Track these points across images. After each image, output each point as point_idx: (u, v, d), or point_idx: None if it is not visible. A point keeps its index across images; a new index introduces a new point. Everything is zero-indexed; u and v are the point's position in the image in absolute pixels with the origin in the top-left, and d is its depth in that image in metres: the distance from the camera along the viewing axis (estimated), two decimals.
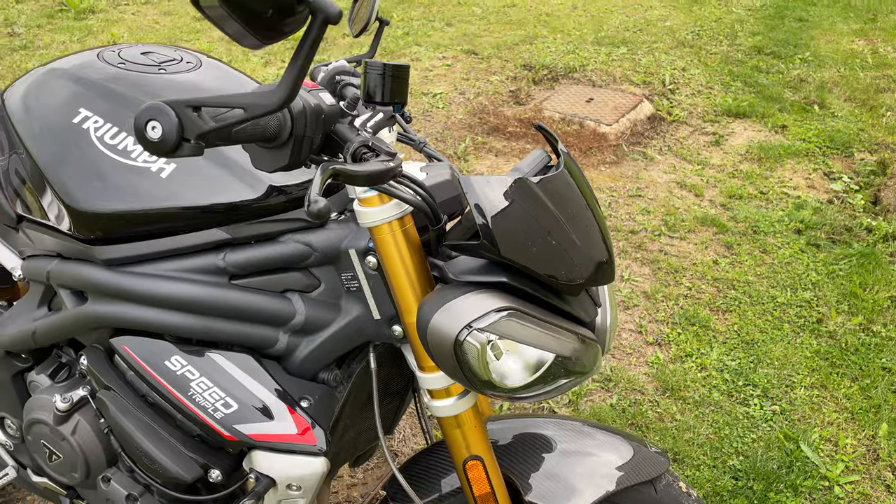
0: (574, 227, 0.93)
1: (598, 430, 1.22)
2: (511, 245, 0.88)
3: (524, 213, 0.89)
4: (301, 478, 1.04)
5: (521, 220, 0.88)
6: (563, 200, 0.93)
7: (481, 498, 1.07)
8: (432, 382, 1.02)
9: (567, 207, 0.94)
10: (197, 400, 1.04)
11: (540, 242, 0.90)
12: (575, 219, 0.94)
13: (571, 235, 0.92)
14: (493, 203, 0.87)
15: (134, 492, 1.22)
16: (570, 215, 0.93)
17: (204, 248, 1.06)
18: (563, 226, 0.92)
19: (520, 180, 0.89)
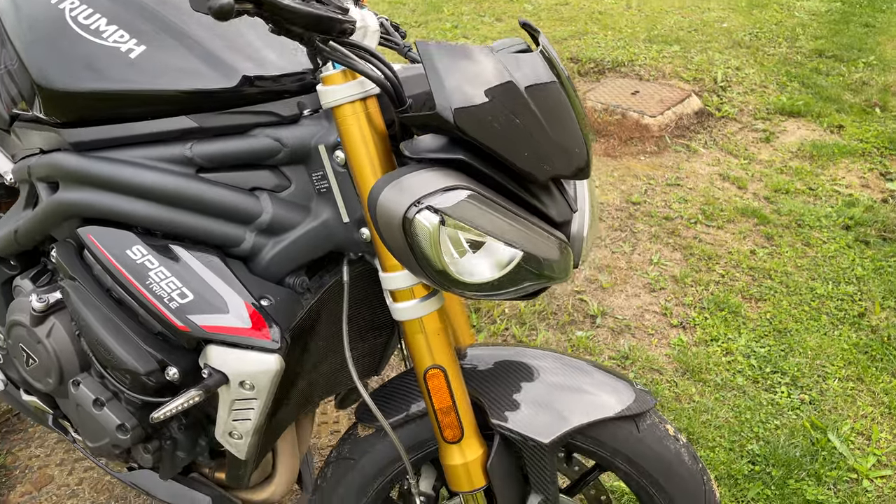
0: (543, 110, 0.87)
1: (584, 363, 1.15)
2: (469, 118, 0.82)
3: (486, 86, 0.83)
4: (253, 375, 1.00)
5: (482, 93, 0.83)
6: (535, 83, 0.87)
7: (441, 411, 1.01)
8: (394, 282, 0.97)
9: (539, 92, 0.88)
10: (153, 289, 1.01)
11: (502, 119, 0.84)
12: (546, 102, 0.88)
13: (539, 118, 0.86)
14: (452, 71, 0.82)
15: (102, 397, 1.20)
16: (541, 98, 0.87)
17: (171, 137, 1.03)
18: (529, 106, 0.86)
19: (485, 49, 0.84)
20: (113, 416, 1.18)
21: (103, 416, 1.19)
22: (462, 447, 1.03)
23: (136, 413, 1.20)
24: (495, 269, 0.89)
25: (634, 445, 1.10)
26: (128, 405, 1.20)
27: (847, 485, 1.83)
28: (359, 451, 1.16)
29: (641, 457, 1.10)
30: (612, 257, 2.73)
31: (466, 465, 1.04)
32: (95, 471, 1.82)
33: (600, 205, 3.08)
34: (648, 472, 1.10)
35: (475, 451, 1.04)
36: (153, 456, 1.26)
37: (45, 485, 1.78)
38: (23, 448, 1.88)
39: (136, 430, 1.19)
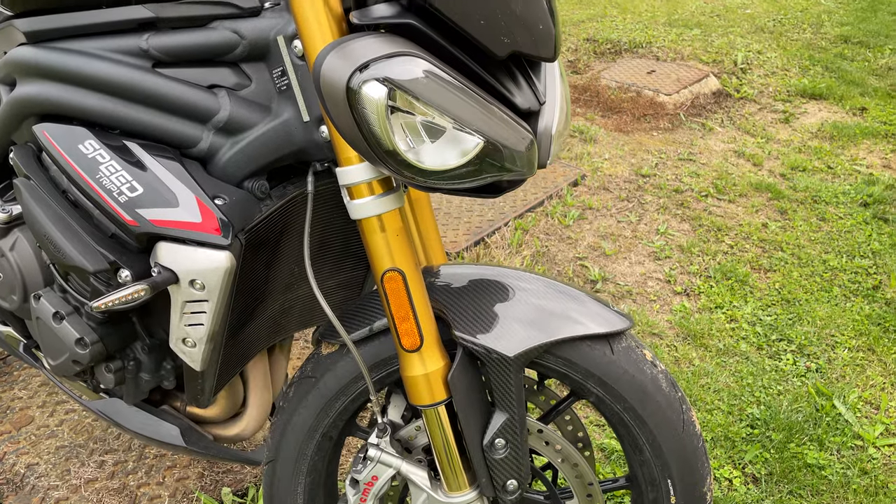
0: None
1: (561, 284, 1.09)
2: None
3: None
4: (203, 273, 0.96)
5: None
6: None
7: (399, 317, 0.96)
8: (350, 176, 0.92)
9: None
10: (103, 182, 0.97)
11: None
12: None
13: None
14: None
15: (62, 310, 1.17)
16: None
17: (127, 28, 1.00)
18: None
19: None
20: (72, 329, 1.15)
21: (63, 329, 1.16)
22: (422, 356, 0.98)
23: (98, 328, 1.16)
24: (454, 157, 0.84)
25: (607, 367, 1.04)
26: (88, 320, 1.16)
27: (851, 451, 1.74)
28: (321, 370, 1.11)
29: (615, 380, 1.04)
30: (618, 226, 2.66)
31: (427, 375, 0.98)
32: (76, 413, 1.80)
33: (607, 176, 3.00)
34: (623, 397, 1.04)
35: (436, 362, 0.98)
36: (115, 376, 1.23)
37: (25, 425, 1.76)
38: (6, 390, 1.87)
39: (95, 345, 1.16)
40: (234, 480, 1.64)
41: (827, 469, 1.69)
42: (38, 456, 1.68)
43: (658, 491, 1.08)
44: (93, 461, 1.67)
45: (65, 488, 1.61)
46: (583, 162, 3.09)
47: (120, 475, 1.64)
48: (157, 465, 1.66)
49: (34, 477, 1.63)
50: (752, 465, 1.70)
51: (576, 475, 1.09)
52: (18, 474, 1.64)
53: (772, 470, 1.68)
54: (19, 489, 1.60)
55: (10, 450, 1.70)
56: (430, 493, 1.06)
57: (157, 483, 1.62)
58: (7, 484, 1.62)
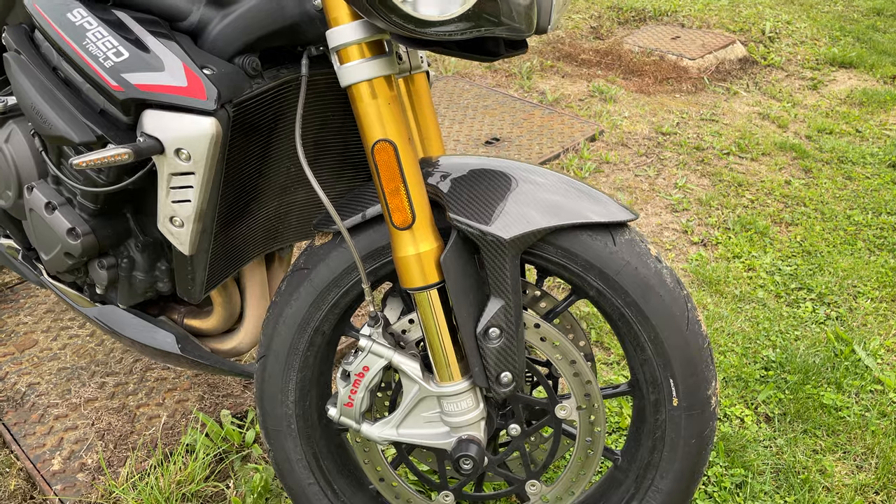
0: None
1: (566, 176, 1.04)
2: None
3: None
4: (188, 140, 0.93)
5: None
6: None
7: (390, 191, 0.92)
8: (340, 36, 0.88)
9: None
10: (89, 48, 0.95)
11: None
12: None
13: None
14: None
15: (54, 201, 1.15)
16: None
17: None
18: None
19: None
20: (64, 219, 1.13)
21: (55, 219, 1.14)
22: (414, 234, 0.94)
23: (90, 221, 1.14)
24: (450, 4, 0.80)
25: (609, 259, 0.99)
26: (81, 211, 1.14)
27: (871, 395, 1.68)
28: (313, 261, 1.07)
29: (616, 272, 0.99)
30: (635, 180, 2.59)
31: (419, 256, 0.94)
32: (80, 338, 1.79)
33: (626, 133, 2.94)
34: (624, 290, 0.99)
35: (429, 242, 0.94)
36: (108, 273, 1.21)
37: (29, 347, 1.76)
38: (11, 315, 1.87)
39: (87, 237, 1.14)
40: (234, 404, 1.62)
41: (844, 410, 1.62)
42: (39, 376, 1.68)
43: (660, 392, 1.03)
44: (94, 382, 1.66)
45: (64, 406, 1.60)
46: (601, 119, 3.03)
47: (120, 395, 1.63)
48: (157, 388, 1.65)
49: (34, 395, 1.62)
50: (766, 404, 1.64)
51: (574, 373, 1.05)
52: (19, 392, 1.63)
53: (786, 410, 1.62)
54: (19, 406, 1.60)
55: (12, 370, 1.69)
56: (422, 384, 1.02)
57: (157, 404, 1.61)
58: (7, 401, 1.61)
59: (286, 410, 1.14)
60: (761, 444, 1.53)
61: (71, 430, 1.54)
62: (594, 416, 1.07)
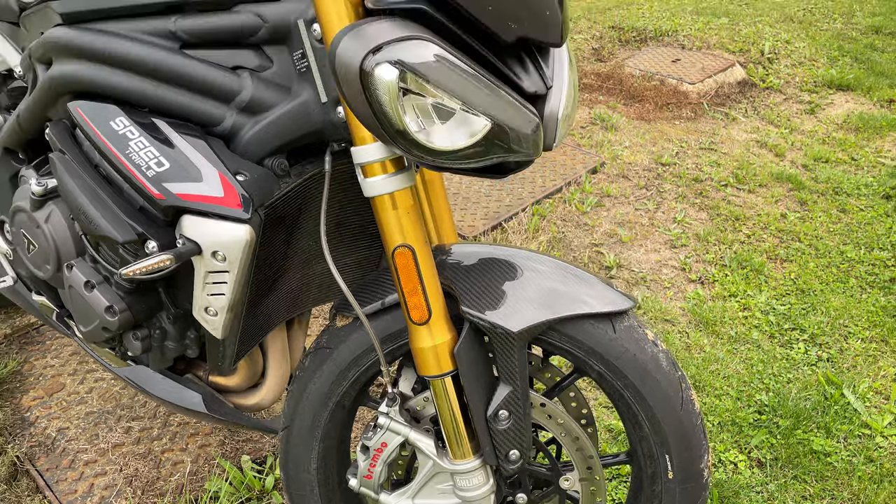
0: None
1: (568, 265, 1.12)
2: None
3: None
4: (224, 245, 1.01)
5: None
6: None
7: (408, 291, 1.01)
8: (364, 154, 0.97)
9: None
10: (133, 158, 1.03)
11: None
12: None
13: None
14: None
15: (93, 280, 1.23)
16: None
17: (156, 10, 1.05)
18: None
19: None
20: (102, 297, 1.21)
21: (93, 297, 1.22)
22: (430, 329, 1.02)
23: (126, 297, 1.23)
24: (462, 137, 0.88)
25: (609, 345, 1.07)
26: (117, 289, 1.23)
27: (858, 439, 1.76)
28: (335, 341, 1.16)
29: (616, 357, 1.07)
30: (635, 214, 2.68)
31: (435, 347, 1.03)
32: (105, 381, 1.88)
33: (626, 164, 3.01)
34: (623, 374, 1.08)
35: (443, 335, 1.03)
36: (142, 343, 1.29)
37: (57, 391, 1.85)
38: (39, 358, 1.95)
39: (124, 313, 1.22)
40: (254, 449, 1.71)
41: (833, 456, 1.71)
42: (68, 421, 1.76)
43: (656, 466, 1.12)
44: (120, 427, 1.75)
45: (93, 451, 1.69)
46: (603, 149, 3.11)
47: (145, 441, 1.72)
48: (180, 433, 1.74)
49: (64, 440, 1.71)
50: (758, 449, 1.73)
51: (577, 448, 1.13)
52: (49, 437, 1.72)
53: (777, 455, 1.71)
54: (50, 451, 1.69)
55: (42, 414, 1.78)
56: (436, 461, 1.11)
57: (181, 449, 1.70)
58: (39, 446, 1.70)
59: (308, 477, 1.23)
60: (753, 490, 1.62)
61: (100, 476, 1.63)
62: (595, 486, 1.16)
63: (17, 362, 1.92)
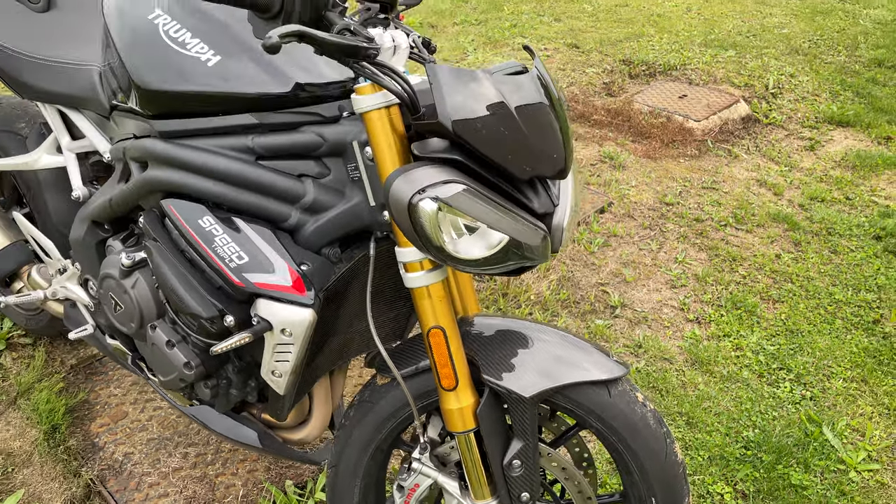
0: (528, 125, 1.07)
1: (571, 336, 1.34)
2: (464, 127, 1.04)
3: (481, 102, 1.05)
4: (292, 324, 1.24)
5: (476, 107, 1.04)
6: (524, 103, 1.08)
7: (440, 364, 1.24)
8: (406, 255, 1.20)
9: (527, 110, 1.08)
10: (218, 251, 1.26)
11: (491, 130, 1.05)
12: (532, 119, 1.08)
13: (524, 130, 1.07)
14: (453, 88, 1.04)
15: (173, 339, 1.47)
16: (528, 115, 1.08)
17: (237, 130, 1.28)
18: (516, 120, 1.06)
19: (485, 72, 1.05)
20: (181, 355, 1.45)
21: (174, 354, 1.46)
22: (457, 394, 1.25)
23: (200, 355, 1.46)
24: (485, 250, 1.10)
25: (605, 407, 1.30)
26: (193, 347, 1.46)
27: (833, 474, 1.97)
28: (376, 397, 1.39)
29: (611, 417, 1.30)
30: (639, 254, 2.89)
31: (461, 409, 1.26)
32: (163, 410, 2.12)
33: (633, 203, 3.23)
34: (617, 430, 1.30)
35: (468, 399, 1.26)
36: (211, 391, 1.53)
37: (121, 419, 2.09)
38: (103, 387, 2.20)
39: (199, 368, 1.46)
40: (296, 475, 1.94)
41: (809, 489, 1.92)
42: (132, 446, 2.01)
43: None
44: (178, 452, 1.99)
45: (156, 475, 1.93)
46: (611, 189, 3.32)
47: (201, 465, 1.96)
48: (231, 459, 1.98)
49: (130, 464, 1.96)
50: (743, 482, 1.94)
51: (578, 490, 1.36)
52: (117, 461, 1.97)
53: (759, 487, 1.92)
54: (118, 474, 1.93)
55: (109, 440, 2.03)
56: (460, 500, 1.34)
57: (232, 473, 1.94)
58: (108, 469, 1.95)
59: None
60: None
61: (163, 497, 1.87)
62: None
63: (85, 392, 2.17)
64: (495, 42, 5.18)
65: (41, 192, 1.92)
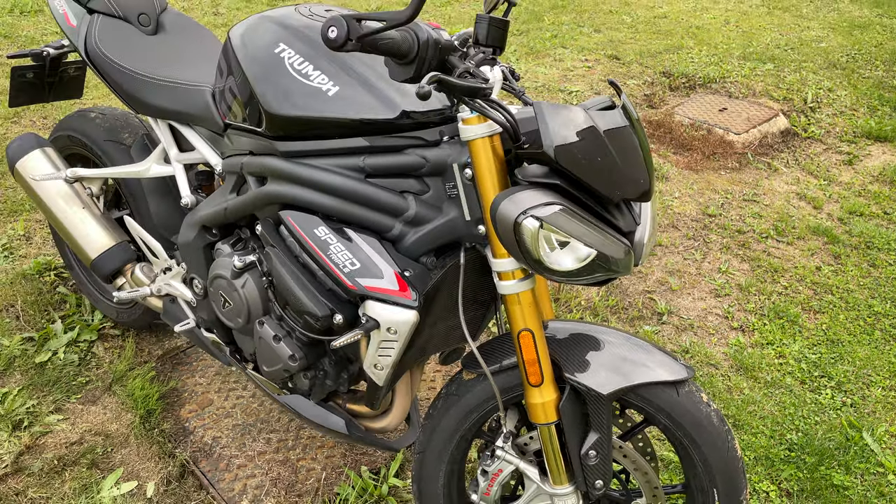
0: (617, 148, 1.23)
1: (641, 340, 1.49)
2: (565, 158, 1.20)
3: (578, 134, 1.20)
4: (397, 323, 1.41)
5: (575, 139, 1.20)
6: (614, 131, 1.23)
7: (528, 362, 1.39)
8: (502, 265, 1.35)
9: (614, 134, 1.23)
10: (333, 258, 1.43)
11: (588, 157, 1.20)
12: (619, 143, 1.23)
13: (614, 155, 1.22)
14: (555, 122, 1.20)
15: (279, 333, 1.64)
16: (615, 138, 1.23)
17: (350, 151, 1.45)
18: (606, 145, 1.22)
19: (581, 108, 1.21)
20: (287, 348, 1.62)
21: (280, 348, 1.63)
22: (542, 390, 1.40)
23: (303, 348, 1.63)
24: (576, 262, 1.26)
25: (674, 405, 1.44)
26: (297, 341, 1.64)
27: (873, 476, 2.09)
28: (462, 391, 1.55)
29: (679, 415, 1.44)
30: (684, 263, 3.02)
31: (544, 403, 1.41)
32: (245, 398, 2.30)
33: (676, 214, 3.36)
34: (684, 427, 1.45)
35: (551, 394, 1.41)
36: (310, 381, 1.71)
37: (207, 406, 2.28)
38: (188, 377, 2.39)
39: (301, 360, 1.63)
40: (370, 461, 2.11)
41: (850, 490, 2.04)
42: (219, 431, 2.19)
43: (707, 497, 1.48)
44: (261, 438, 2.17)
45: (242, 457, 2.11)
46: (655, 199, 3.45)
47: (283, 450, 2.13)
48: (310, 445, 2.15)
49: (219, 447, 2.14)
50: (787, 481, 2.07)
51: (646, 480, 1.51)
52: (207, 444, 2.15)
53: (803, 487, 2.05)
54: (209, 456, 2.11)
55: (198, 425, 2.21)
56: (540, 485, 1.49)
57: (312, 458, 2.11)
58: (199, 451, 2.13)
59: (436, 491, 1.62)
60: None
61: (251, 478, 2.05)
62: None
63: (175, 380, 2.36)
64: (537, 52, 5.32)
65: (144, 198, 2.11)
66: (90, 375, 2.36)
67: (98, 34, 1.95)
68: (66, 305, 2.64)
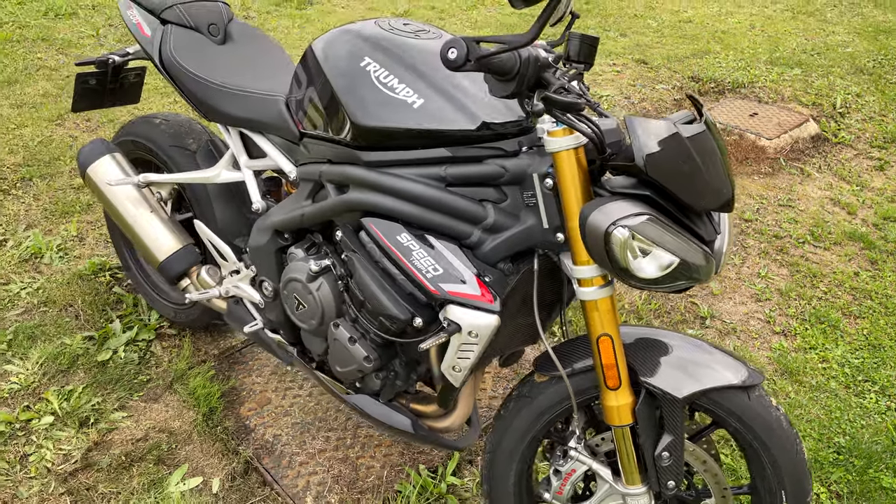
0: (705, 164, 1.28)
1: (710, 345, 1.54)
2: (655, 169, 1.25)
3: (668, 148, 1.25)
4: (478, 327, 1.46)
5: (665, 152, 1.25)
6: (700, 145, 1.28)
7: (607, 367, 1.44)
8: (583, 273, 1.40)
9: (703, 151, 1.28)
10: (416, 264, 1.48)
11: (677, 170, 1.25)
12: (707, 159, 1.28)
13: (702, 170, 1.27)
14: (648, 136, 1.24)
15: (354, 335, 1.70)
16: (704, 156, 1.28)
17: (432, 161, 1.50)
18: (696, 161, 1.26)
19: (670, 124, 1.26)
20: (362, 349, 1.68)
21: (355, 349, 1.69)
22: (618, 394, 1.45)
23: (377, 349, 1.69)
24: (659, 270, 1.31)
25: (745, 409, 1.49)
26: (371, 343, 1.69)
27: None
28: (535, 392, 1.60)
29: (750, 418, 1.49)
30: (724, 268, 3.06)
31: (619, 406, 1.46)
32: (302, 397, 2.36)
33: None
34: (755, 430, 1.49)
35: (627, 398, 1.46)
36: (381, 382, 1.76)
37: (265, 404, 2.34)
38: (246, 376, 2.45)
39: (376, 361, 1.69)
40: (427, 459, 2.16)
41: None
42: (280, 429, 2.25)
43: (774, 498, 1.53)
44: (321, 436, 2.23)
45: (303, 455, 2.17)
46: None
47: (342, 448, 2.19)
48: (368, 443, 2.21)
49: (280, 445, 2.20)
50: (837, 484, 2.11)
51: (715, 481, 1.55)
52: (268, 442, 2.21)
53: (853, 489, 2.09)
54: (271, 453, 2.17)
55: (259, 423, 2.27)
56: (612, 485, 1.54)
57: (370, 456, 2.17)
58: (261, 448, 2.19)
59: (507, 490, 1.67)
60: None
61: (313, 475, 2.11)
62: None
63: (234, 379, 2.42)
64: None
65: (209, 202, 2.17)
66: (150, 374, 2.43)
67: (173, 43, 2.01)
68: (122, 305, 2.71)
